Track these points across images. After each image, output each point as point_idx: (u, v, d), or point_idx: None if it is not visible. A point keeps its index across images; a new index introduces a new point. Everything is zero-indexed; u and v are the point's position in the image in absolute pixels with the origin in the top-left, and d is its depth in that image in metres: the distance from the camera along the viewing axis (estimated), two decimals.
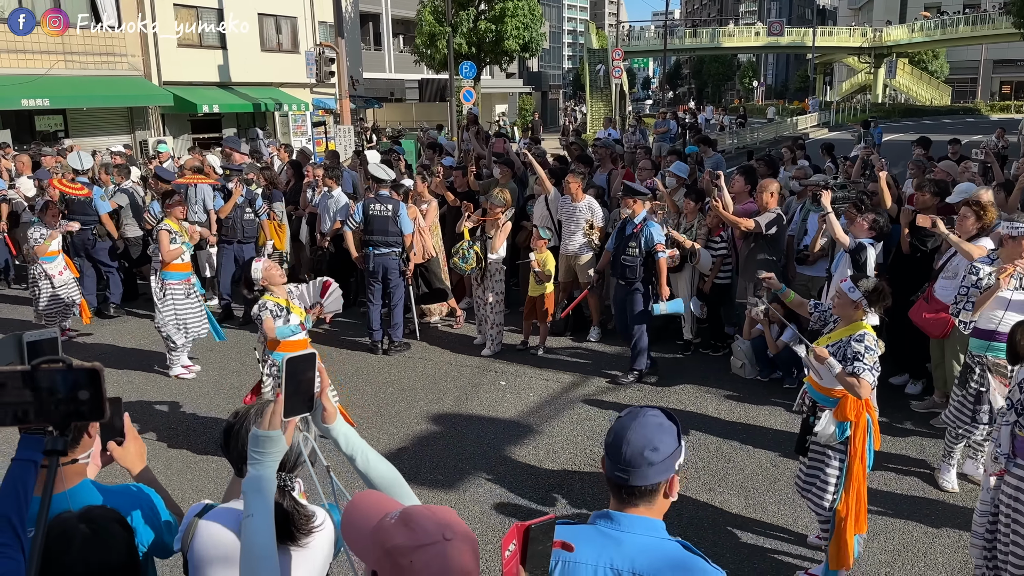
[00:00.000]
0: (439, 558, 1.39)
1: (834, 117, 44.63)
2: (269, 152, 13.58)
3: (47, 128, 20.54)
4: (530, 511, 4.93)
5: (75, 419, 1.29)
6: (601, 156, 9.98)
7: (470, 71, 27.09)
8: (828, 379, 4.05)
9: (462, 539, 1.44)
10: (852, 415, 3.97)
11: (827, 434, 4.03)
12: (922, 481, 5.25)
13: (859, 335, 3.99)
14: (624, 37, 58.15)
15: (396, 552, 1.41)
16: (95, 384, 1.28)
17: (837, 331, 4.16)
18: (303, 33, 27.35)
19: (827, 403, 4.08)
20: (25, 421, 1.29)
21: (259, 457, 1.80)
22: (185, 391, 7.06)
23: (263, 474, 1.80)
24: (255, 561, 1.75)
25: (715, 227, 7.55)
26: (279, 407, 1.82)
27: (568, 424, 6.27)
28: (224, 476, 5.32)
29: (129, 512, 2.14)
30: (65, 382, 1.28)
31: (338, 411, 2.02)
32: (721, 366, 7.46)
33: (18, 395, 1.27)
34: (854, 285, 4.08)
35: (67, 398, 1.27)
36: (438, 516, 1.47)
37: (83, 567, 1.77)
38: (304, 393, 1.86)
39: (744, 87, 78.73)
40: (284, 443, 1.84)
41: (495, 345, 7.99)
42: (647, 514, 1.86)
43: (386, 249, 7.77)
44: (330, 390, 5.00)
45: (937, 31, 53.76)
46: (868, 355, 3.90)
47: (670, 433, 1.86)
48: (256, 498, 1.78)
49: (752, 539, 4.60)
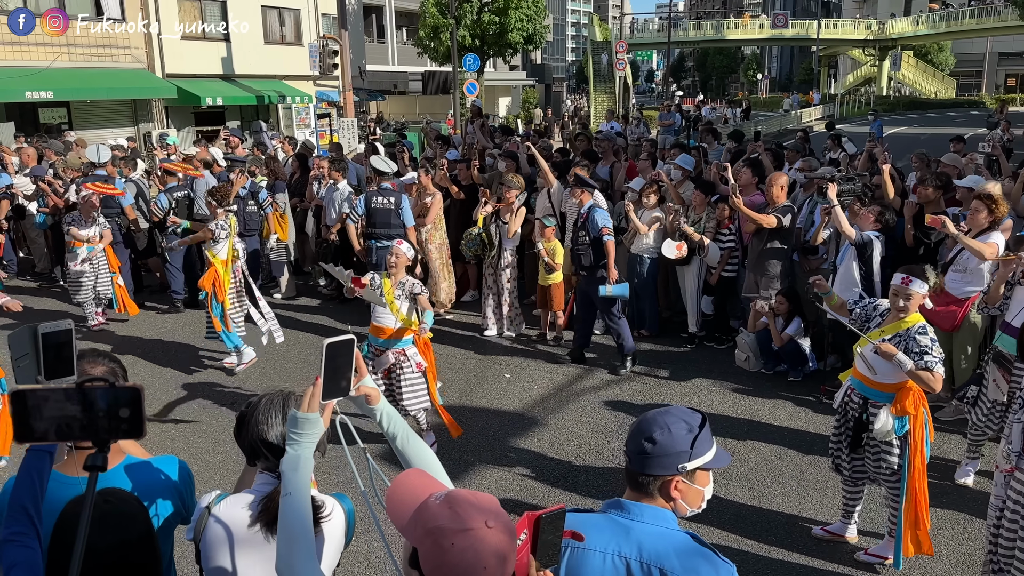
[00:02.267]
0: (479, 543, 1.43)
1: (839, 110, 44.52)
2: (273, 144, 13.59)
3: (51, 121, 20.56)
4: (535, 503, 4.95)
5: (116, 436, 1.33)
6: (603, 149, 9.97)
7: (474, 64, 27.03)
8: (884, 374, 4.00)
9: (503, 528, 1.47)
10: (911, 408, 3.95)
11: (885, 430, 3.99)
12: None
13: (921, 327, 3.93)
14: (628, 29, 57.99)
15: (439, 533, 1.45)
16: (135, 403, 1.32)
17: (890, 325, 4.06)
18: (306, 25, 27.33)
19: (882, 399, 4.04)
20: (69, 437, 1.33)
21: (297, 438, 1.85)
22: (194, 382, 7.09)
23: (301, 454, 1.84)
24: (292, 538, 1.78)
25: (723, 220, 7.55)
26: (317, 390, 1.87)
27: (573, 417, 6.28)
28: (231, 467, 5.35)
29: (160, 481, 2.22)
30: (106, 400, 1.31)
31: (380, 392, 2.06)
32: (726, 359, 7.47)
33: (61, 410, 1.30)
34: (920, 279, 3.96)
35: (108, 415, 1.31)
36: (482, 503, 1.50)
37: (102, 544, 1.79)
38: (342, 377, 1.91)
39: (748, 80, 78.50)
40: (322, 425, 1.88)
41: (516, 327, 8.14)
42: (653, 503, 1.90)
43: (388, 242, 7.78)
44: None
45: (942, 23, 53.55)
46: (935, 347, 3.87)
47: (682, 432, 1.88)
48: (294, 477, 1.82)
49: (757, 531, 4.62)
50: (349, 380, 1.93)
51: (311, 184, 10.04)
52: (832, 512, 4.76)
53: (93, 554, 1.77)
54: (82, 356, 2.25)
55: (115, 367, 2.29)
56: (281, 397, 2.18)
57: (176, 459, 2.40)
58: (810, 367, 6.91)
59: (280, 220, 9.59)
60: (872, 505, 4.71)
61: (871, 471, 4.22)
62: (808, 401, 6.47)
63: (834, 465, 4.46)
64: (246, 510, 2.08)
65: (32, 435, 1.30)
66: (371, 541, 4.36)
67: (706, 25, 62.66)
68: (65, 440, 1.35)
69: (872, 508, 4.71)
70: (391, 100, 37.88)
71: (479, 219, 8.04)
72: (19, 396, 1.28)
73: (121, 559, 1.74)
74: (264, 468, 2.14)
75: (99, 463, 1.33)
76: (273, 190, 9.75)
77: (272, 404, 2.16)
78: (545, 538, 1.62)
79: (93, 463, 1.32)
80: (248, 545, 2.05)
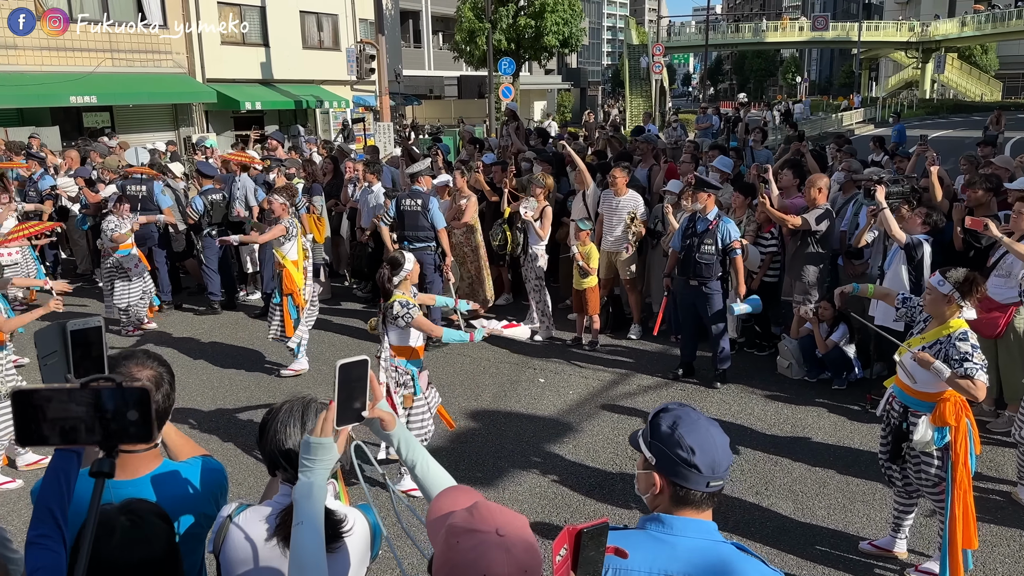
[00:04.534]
0: (481, 547, 1.39)
1: (880, 113, 43.71)
2: (310, 150, 13.67)
3: (94, 125, 20.96)
4: (571, 511, 4.84)
5: (123, 440, 1.23)
6: (643, 151, 9.83)
7: (509, 67, 27.01)
8: (924, 382, 3.85)
9: (516, 543, 1.40)
10: (952, 419, 3.77)
11: (925, 440, 3.84)
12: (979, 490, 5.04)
13: (961, 333, 3.77)
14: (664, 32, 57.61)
15: (450, 530, 1.43)
16: (144, 404, 1.22)
17: (931, 331, 3.92)
18: (344, 30, 27.56)
19: (922, 408, 3.88)
20: (74, 440, 1.24)
21: (310, 464, 1.77)
22: (230, 383, 7.10)
23: (314, 481, 1.77)
24: (302, 569, 1.72)
25: (765, 223, 7.36)
26: (331, 414, 1.79)
27: (608, 423, 6.16)
28: (263, 472, 5.33)
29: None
30: (113, 401, 1.22)
31: (396, 417, 1.97)
32: (767, 366, 7.29)
33: (66, 411, 1.21)
34: (943, 278, 3.84)
35: (115, 417, 1.21)
36: (505, 515, 1.45)
37: (124, 560, 1.73)
38: (357, 400, 1.83)
39: (787, 83, 77.53)
40: (336, 451, 1.81)
41: (544, 330, 8.05)
42: (696, 516, 1.79)
43: (419, 244, 7.74)
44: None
45: (988, 24, 52.27)
46: (976, 353, 3.70)
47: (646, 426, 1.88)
48: (306, 505, 1.75)
49: (801, 545, 4.45)
50: (364, 403, 1.85)
51: (346, 187, 10.07)
52: (880, 526, 4.58)
53: (115, 570, 1.71)
54: (131, 357, 2.20)
55: (163, 371, 2.22)
56: (301, 404, 2.10)
57: (212, 461, 2.33)
58: (855, 375, 6.71)
59: (317, 222, 9.61)
60: (923, 519, 4.53)
61: (914, 482, 4.06)
62: (853, 410, 6.27)
63: (885, 476, 4.29)
64: (264, 523, 2.01)
65: (35, 438, 1.22)
66: (399, 550, 4.29)
67: (744, 28, 61.98)
68: (71, 444, 1.25)
69: (923, 522, 4.52)
70: (426, 104, 38.08)
71: (506, 211, 8.18)
72: (21, 396, 1.20)
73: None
74: (284, 479, 2.07)
75: (105, 469, 1.24)
76: (310, 192, 9.78)
77: (291, 412, 2.08)
78: (587, 554, 1.53)
79: (99, 469, 1.24)
80: (268, 559, 1.99)
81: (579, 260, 7.52)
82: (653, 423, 1.85)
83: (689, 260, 6.70)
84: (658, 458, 1.80)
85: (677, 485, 1.78)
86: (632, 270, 7.95)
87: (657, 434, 1.81)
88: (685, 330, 7.07)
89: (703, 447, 1.77)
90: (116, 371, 2.09)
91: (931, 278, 3.93)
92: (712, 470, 1.76)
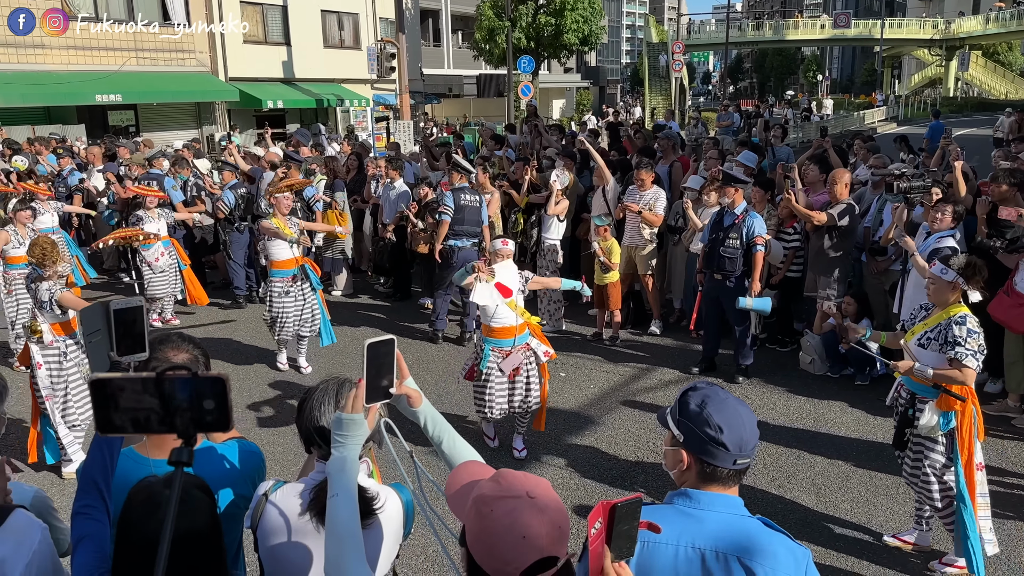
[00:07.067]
0: (516, 511, 1.41)
1: (903, 111, 43.25)
2: (334, 148, 13.75)
3: (119, 123, 21.24)
4: (593, 502, 4.87)
5: (200, 429, 1.25)
6: (664, 147, 9.82)
7: (528, 65, 27.02)
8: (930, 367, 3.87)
9: (548, 504, 1.44)
10: (957, 404, 3.80)
11: (930, 426, 3.86)
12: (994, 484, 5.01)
13: (959, 317, 3.79)
14: (684, 30, 57.34)
15: (480, 501, 1.45)
16: (221, 394, 1.23)
17: (933, 316, 3.95)
18: (364, 29, 27.70)
19: (928, 394, 3.90)
20: (147, 429, 1.25)
21: (342, 440, 1.84)
22: (255, 374, 7.19)
23: (347, 456, 1.83)
24: (339, 539, 1.76)
25: (787, 218, 7.34)
26: (360, 391, 1.85)
27: (630, 417, 6.18)
28: (291, 459, 5.40)
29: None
30: (187, 391, 1.23)
31: (422, 394, 2.03)
32: (789, 361, 7.27)
33: (138, 401, 1.23)
34: (945, 266, 3.87)
35: (191, 407, 1.23)
36: (531, 479, 1.48)
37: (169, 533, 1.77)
38: (385, 378, 1.88)
39: (808, 81, 76.86)
40: (366, 426, 1.86)
41: (555, 322, 8.13)
42: (723, 491, 1.82)
43: (469, 240, 7.78)
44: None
45: (1013, 22, 51.51)
46: (971, 339, 3.71)
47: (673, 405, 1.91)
48: (340, 478, 1.80)
49: (824, 538, 4.45)
50: (391, 381, 1.91)
51: (369, 183, 10.13)
52: (904, 520, 4.57)
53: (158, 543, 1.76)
54: (166, 340, 2.25)
55: (198, 354, 2.27)
56: (336, 384, 2.17)
57: (250, 444, 2.37)
58: (878, 371, 6.67)
59: (339, 218, 9.68)
60: None
61: (907, 474, 4.09)
62: (876, 405, 6.24)
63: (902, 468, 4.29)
64: (298, 499, 2.06)
65: (111, 427, 1.24)
66: (428, 535, 4.34)
67: (766, 25, 61.54)
68: (144, 432, 1.27)
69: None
70: (445, 103, 38.15)
71: (523, 200, 8.50)
72: (98, 384, 1.22)
73: (188, 549, 1.73)
74: (320, 456, 2.13)
75: (184, 458, 1.25)
76: (332, 189, 9.85)
77: (326, 391, 2.15)
78: (620, 528, 1.55)
79: (178, 459, 1.26)
80: (302, 533, 2.04)
81: (600, 255, 7.54)
82: (682, 401, 1.87)
83: (714, 254, 6.69)
84: (686, 436, 1.83)
85: (704, 462, 1.81)
86: (652, 265, 7.95)
87: (686, 412, 1.84)
88: (709, 324, 7.05)
89: (731, 425, 1.79)
90: (153, 355, 2.14)
91: (932, 268, 3.96)
92: (739, 448, 1.78)
